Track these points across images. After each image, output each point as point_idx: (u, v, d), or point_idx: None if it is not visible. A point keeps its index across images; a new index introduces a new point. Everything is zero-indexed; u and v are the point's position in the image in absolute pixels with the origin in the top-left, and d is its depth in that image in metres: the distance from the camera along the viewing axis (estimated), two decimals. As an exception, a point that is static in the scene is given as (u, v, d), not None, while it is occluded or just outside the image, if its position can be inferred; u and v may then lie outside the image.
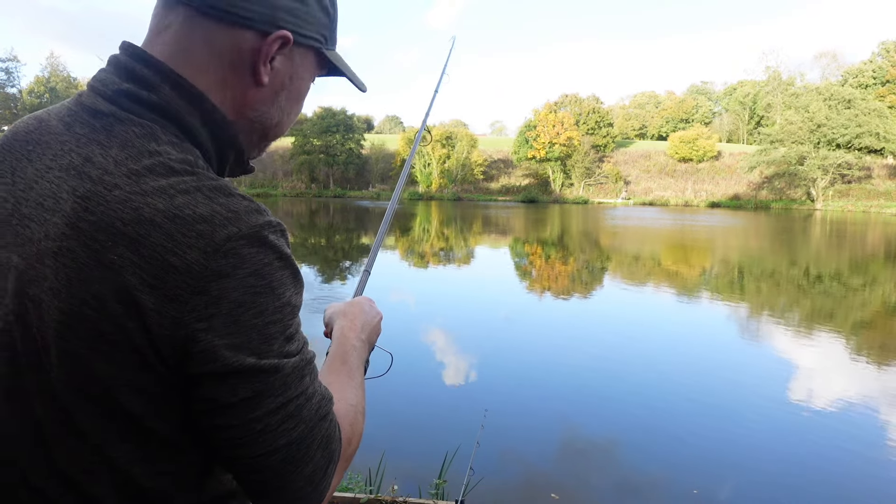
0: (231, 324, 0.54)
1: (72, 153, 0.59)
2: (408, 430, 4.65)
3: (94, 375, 0.55)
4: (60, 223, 0.55)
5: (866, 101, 52.13)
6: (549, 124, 55.68)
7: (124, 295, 0.52)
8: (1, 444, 0.58)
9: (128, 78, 0.61)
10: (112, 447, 0.57)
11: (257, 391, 0.56)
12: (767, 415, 5.14)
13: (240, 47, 0.63)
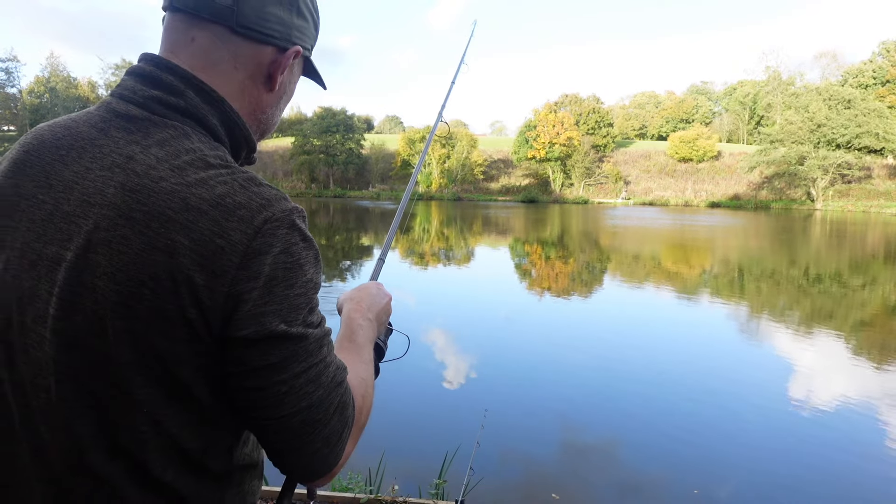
0: (267, 294, 0.62)
1: (113, 154, 0.65)
2: (408, 430, 4.64)
3: (149, 349, 0.61)
4: (112, 215, 0.61)
5: (866, 101, 52.11)
6: (549, 124, 55.67)
7: (178, 274, 0.60)
8: (59, 415, 0.64)
9: (155, 86, 0.68)
10: (161, 414, 0.63)
11: (284, 356, 0.64)
12: (768, 415, 5.14)
13: (260, 60, 0.73)
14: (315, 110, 61.16)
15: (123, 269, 0.60)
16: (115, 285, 0.60)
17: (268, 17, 0.71)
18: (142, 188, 0.62)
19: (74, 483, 0.64)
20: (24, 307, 0.65)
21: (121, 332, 0.61)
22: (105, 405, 0.63)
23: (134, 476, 0.65)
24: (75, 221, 0.63)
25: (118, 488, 0.64)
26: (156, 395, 0.63)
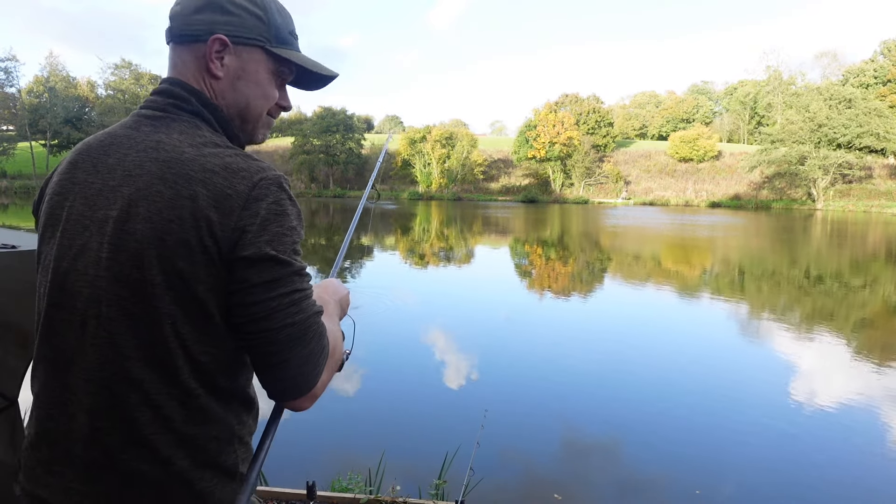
0: (262, 229, 0.83)
1: (145, 141, 0.89)
2: (408, 431, 4.62)
3: (175, 271, 0.82)
4: (148, 178, 0.84)
5: (867, 101, 52.08)
6: (549, 124, 55.65)
7: (199, 214, 0.82)
8: (108, 334, 0.84)
9: (170, 96, 0.93)
10: (183, 327, 0.83)
11: (274, 277, 0.84)
12: (769, 415, 5.12)
13: (197, 55, 0.93)
14: (315, 110, 61.18)
15: (157, 213, 0.82)
16: (150, 225, 0.82)
17: (192, 23, 0.92)
18: (171, 159, 0.85)
19: (118, 387, 0.84)
20: (77, 258, 0.86)
21: (154, 259, 0.82)
22: (142, 323, 0.83)
23: (163, 382, 0.84)
24: (119, 190, 0.86)
25: (151, 392, 0.84)
26: (178, 311, 0.83)
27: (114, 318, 0.84)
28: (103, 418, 0.84)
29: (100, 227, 0.85)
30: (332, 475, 3.41)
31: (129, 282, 0.83)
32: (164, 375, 0.84)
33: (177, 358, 0.84)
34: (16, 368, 2.30)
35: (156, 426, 0.84)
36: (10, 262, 2.05)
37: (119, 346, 0.84)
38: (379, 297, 9.99)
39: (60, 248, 0.88)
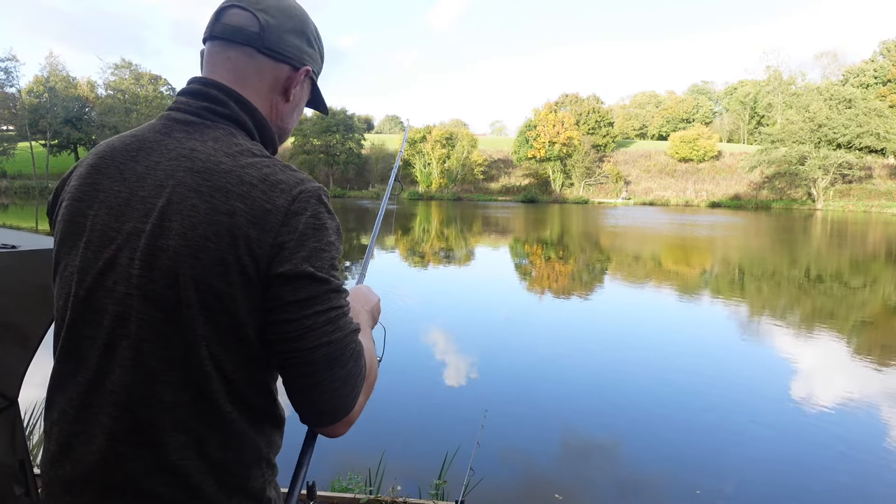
0: (300, 244, 0.80)
1: (178, 148, 0.84)
2: (408, 430, 4.62)
3: (210, 291, 0.77)
4: (182, 190, 0.80)
5: (867, 101, 52.09)
6: (549, 124, 55.67)
7: (237, 230, 0.77)
8: (138, 356, 0.80)
9: (204, 98, 0.88)
10: (218, 348, 0.79)
11: (310, 294, 0.80)
12: (770, 415, 5.12)
13: (278, 75, 0.93)
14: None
15: (192, 229, 0.77)
16: (185, 241, 0.77)
17: (285, 42, 0.91)
18: (206, 169, 0.81)
19: (147, 411, 0.79)
20: (103, 274, 0.81)
21: (189, 278, 0.77)
22: (176, 344, 0.79)
23: (198, 406, 0.80)
24: (150, 201, 0.81)
25: (185, 416, 0.79)
26: (213, 332, 0.79)
27: (145, 339, 0.79)
28: (127, 442, 0.80)
29: (129, 240, 0.80)
30: (332, 475, 3.41)
31: (162, 301, 0.78)
32: (198, 399, 0.80)
33: (212, 381, 0.80)
34: (16, 368, 2.30)
35: (187, 451, 0.80)
36: (10, 262, 2.05)
37: (150, 369, 0.79)
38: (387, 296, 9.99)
39: (84, 260, 0.83)
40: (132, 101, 54.90)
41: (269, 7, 0.90)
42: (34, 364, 2.39)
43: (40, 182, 51.43)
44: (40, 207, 33.44)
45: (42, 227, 22.30)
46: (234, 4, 0.90)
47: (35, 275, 2.29)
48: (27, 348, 2.32)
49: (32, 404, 4.18)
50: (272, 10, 0.91)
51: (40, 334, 2.32)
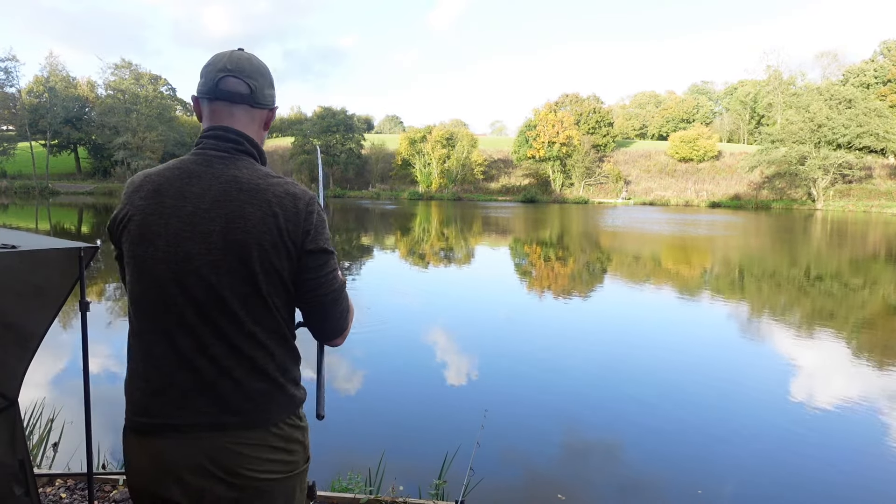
0: (317, 232, 1.27)
1: (223, 175, 1.26)
2: (408, 430, 4.62)
3: (270, 264, 1.22)
4: (239, 203, 1.22)
5: (867, 101, 52.04)
6: (549, 124, 55.63)
7: (281, 226, 1.22)
8: (220, 309, 1.22)
9: (227, 141, 1.30)
10: (276, 299, 1.26)
11: (325, 261, 1.29)
12: (771, 415, 5.12)
13: (262, 117, 1.39)
14: (315, 110, 61.10)
15: (254, 227, 1.21)
16: (250, 235, 1.20)
17: (265, 95, 1.36)
18: (251, 189, 1.24)
19: (238, 339, 1.23)
20: (186, 261, 1.21)
21: (256, 256, 1.21)
22: (251, 299, 1.23)
23: (268, 333, 1.26)
24: (213, 211, 1.22)
25: (262, 339, 1.25)
26: (273, 289, 1.25)
27: (229, 299, 1.21)
28: (229, 359, 1.23)
29: (203, 238, 1.21)
30: (332, 475, 3.40)
31: (240, 273, 1.21)
32: (268, 329, 1.26)
33: (276, 318, 1.27)
34: (16, 368, 2.29)
35: (266, 360, 1.26)
36: (10, 262, 2.04)
37: (237, 315, 1.22)
38: (379, 297, 9.99)
39: (166, 253, 1.22)
40: (132, 101, 54.80)
41: (252, 73, 1.33)
42: (34, 364, 2.38)
43: (40, 182, 51.41)
44: (40, 207, 33.42)
45: (42, 227, 22.29)
46: (229, 75, 1.31)
47: (35, 275, 2.29)
48: (27, 348, 2.31)
49: (32, 404, 4.18)
50: (254, 74, 1.33)
51: (40, 334, 2.32)
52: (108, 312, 8.58)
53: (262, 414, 1.26)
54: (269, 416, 1.27)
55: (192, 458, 1.20)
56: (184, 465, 1.20)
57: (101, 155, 56.94)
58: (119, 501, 2.97)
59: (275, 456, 1.27)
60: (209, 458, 1.20)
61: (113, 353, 6.56)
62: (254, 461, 1.23)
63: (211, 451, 1.21)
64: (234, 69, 1.30)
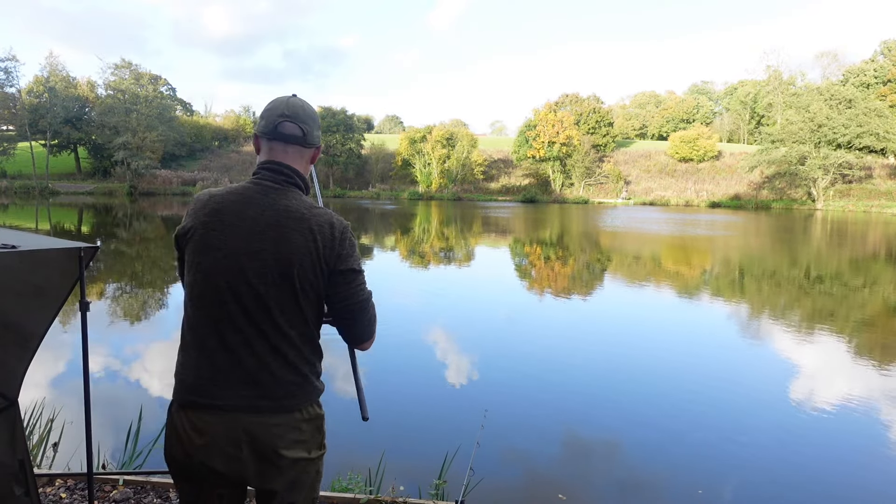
0: (348, 254, 1.52)
1: (276, 204, 1.51)
2: (408, 431, 4.62)
3: (307, 279, 1.48)
4: (287, 228, 1.47)
5: (867, 101, 52.03)
6: (549, 124, 55.61)
7: (319, 250, 1.48)
8: (266, 314, 1.47)
9: (281, 174, 1.56)
10: (309, 308, 1.51)
11: (354, 277, 1.54)
12: (771, 415, 5.12)
13: (310, 155, 1.65)
14: (315, 110, 61.01)
15: (297, 249, 1.46)
16: (293, 255, 1.46)
17: (314, 137, 1.63)
18: (299, 217, 1.50)
19: (274, 335, 1.49)
20: (238, 275, 1.47)
21: (296, 273, 1.46)
22: (289, 306, 1.48)
23: (299, 334, 1.51)
24: (266, 232, 1.47)
25: (294, 339, 1.50)
26: (307, 300, 1.50)
27: (273, 306, 1.47)
28: (268, 354, 1.48)
29: (255, 255, 1.46)
30: (332, 475, 3.40)
31: (284, 286, 1.47)
32: (300, 332, 1.52)
33: (308, 324, 1.52)
34: (16, 368, 2.29)
35: (298, 357, 1.52)
36: (11, 262, 2.04)
37: (277, 320, 1.48)
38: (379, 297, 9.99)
39: (224, 264, 1.48)
40: (132, 101, 54.71)
41: (305, 119, 1.60)
42: (34, 364, 2.38)
43: (40, 182, 51.39)
44: (40, 207, 33.43)
45: (42, 227, 22.29)
46: (286, 120, 1.57)
47: (35, 275, 2.29)
48: (27, 348, 2.31)
49: (32, 404, 4.18)
50: (307, 120, 1.60)
51: (40, 334, 2.32)
52: (108, 312, 8.58)
53: (291, 400, 1.51)
54: (296, 403, 1.52)
55: (231, 433, 1.45)
56: (225, 439, 1.45)
57: (101, 155, 56.87)
58: (119, 501, 2.97)
59: (298, 437, 1.52)
60: (246, 434, 1.46)
61: (113, 353, 6.56)
62: (281, 439, 1.49)
63: (248, 428, 1.46)
64: (291, 115, 1.58)
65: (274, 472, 1.50)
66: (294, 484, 1.54)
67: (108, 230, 22.07)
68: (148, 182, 52.73)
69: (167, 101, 61.41)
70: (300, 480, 1.55)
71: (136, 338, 7.39)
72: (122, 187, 51.38)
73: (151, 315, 8.73)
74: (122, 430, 4.11)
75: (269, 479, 1.50)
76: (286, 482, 1.52)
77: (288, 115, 1.57)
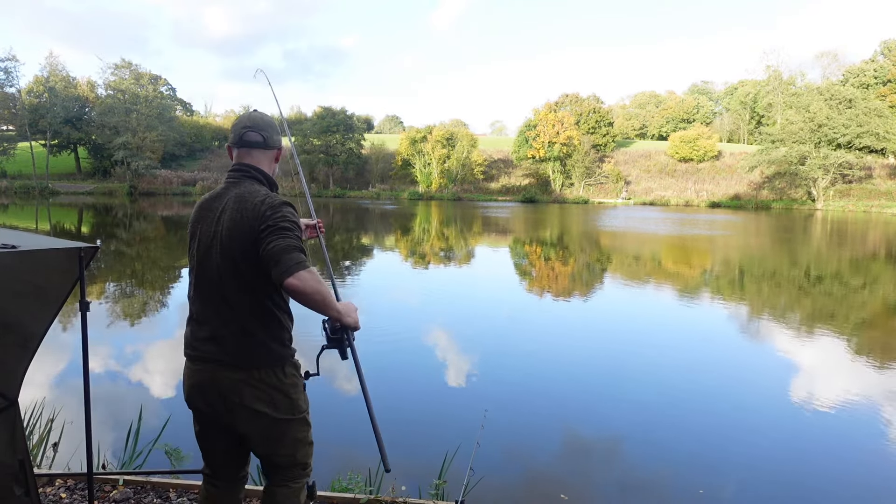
0: (270, 216, 1.81)
1: (232, 193, 1.90)
2: (408, 431, 4.62)
3: (249, 250, 1.80)
4: (234, 209, 1.85)
5: (867, 101, 52.01)
6: (549, 124, 55.59)
7: (250, 219, 1.81)
8: (224, 276, 1.85)
9: (240, 171, 1.95)
10: (254, 281, 1.83)
11: (272, 231, 1.78)
12: (772, 414, 5.12)
13: (272, 156, 2.02)
14: (315, 110, 61.04)
15: (238, 226, 1.81)
16: (235, 231, 1.81)
17: (275, 140, 1.99)
18: (242, 199, 1.86)
19: (233, 302, 1.85)
20: (207, 250, 1.88)
21: (237, 247, 1.81)
22: (240, 271, 1.82)
23: (251, 300, 1.84)
24: (221, 217, 1.86)
25: (247, 303, 1.84)
26: (248, 268, 1.82)
27: (227, 278, 1.83)
28: (228, 320, 1.85)
29: (215, 236, 1.86)
30: (332, 475, 3.41)
31: (231, 255, 1.82)
32: (252, 298, 1.85)
33: (255, 290, 1.84)
34: (16, 368, 2.29)
35: (253, 321, 1.85)
36: (11, 262, 2.04)
37: (232, 284, 1.83)
38: (379, 297, 9.99)
39: (200, 245, 1.90)
40: (132, 101, 54.67)
41: (265, 127, 1.97)
42: (34, 364, 2.38)
43: (40, 182, 51.37)
44: (40, 207, 33.43)
45: (42, 227, 22.29)
46: (249, 130, 1.95)
47: (35, 275, 2.29)
48: (27, 348, 2.31)
49: (32, 404, 4.18)
50: (266, 128, 1.97)
51: (40, 334, 2.32)
52: (108, 312, 8.58)
53: (249, 360, 1.84)
54: (253, 363, 1.85)
55: (207, 380, 1.86)
56: (204, 384, 1.87)
57: (101, 155, 56.84)
58: (119, 501, 2.97)
59: (257, 393, 1.85)
60: (214, 381, 1.85)
61: (113, 353, 6.56)
62: (240, 391, 1.84)
63: (215, 377, 1.85)
64: (252, 125, 1.95)
65: (237, 419, 1.87)
66: (265, 438, 1.90)
67: (108, 230, 22.07)
68: (148, 182, 52.71)
69: (167, 101, 61.37)
70: (270, 436, 1.90)
71: (136, 338, 7.39)
72: (122, 187, 51.36)
73: (151, 315, 8.73)
74: (122, 430, 4.11)
75: (235, 423, 1.88)
76: (255, 432, 1.89)
77: (249, 125, 1.95)
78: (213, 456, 2.02)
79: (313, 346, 2.00)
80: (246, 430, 1.89)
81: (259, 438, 1.90)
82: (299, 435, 1.96)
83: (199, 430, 2.00)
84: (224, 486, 2.06)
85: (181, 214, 31.27)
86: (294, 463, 1.98)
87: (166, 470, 3.16)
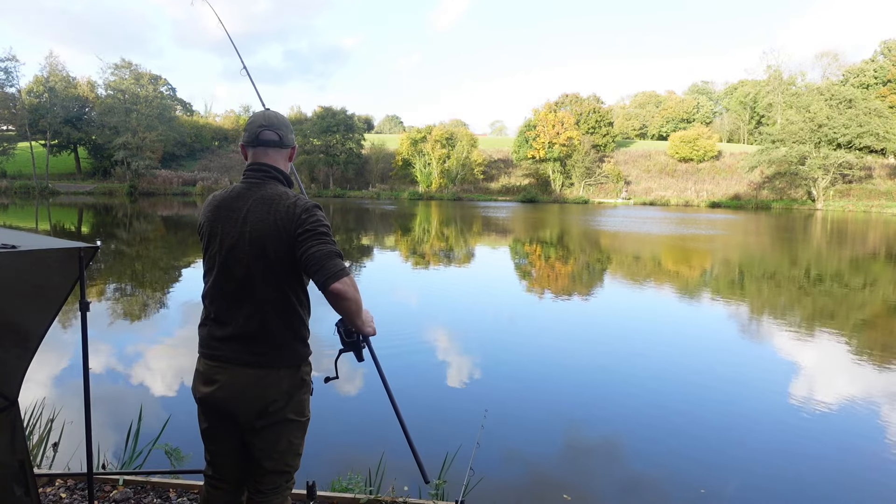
0: (306, 220, 1.83)
1: (256, 194, 1.90)
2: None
3: (280, 249, 1.83)
4: (262, 210, 1.86)
5: (867, 101, 52.02)
6: (549, 124, 55.62)
7: (283, 221, 1.83)
8: (254, 273, 1.85)
9: (260, 171, 1.95)
10: (284, 281, 1.86)
11: (310, 235, 1.80)
12: (774, 414, 5.12)
13: (288, 154, 2.04)
14: (315, 110, 61.04)
15: (268, 227, 1.83)
16: (265, 231, 1.83)
17: (288, 140, 2.00)
18: (270, 200, 1.87)
19: (260, 303, 1.86)
20: (231, 249, 1.87)
21: (269, 246, 1.83)
22: (272, 272, 1.85)
23: (280, 298, 1.87)
24: (248, 217, 1.86)
25: (275, 302, 1.87)
26: (281, 268, 1.85)
27: (256, 277, 1.84)
28: (253, 317, 1.86)
29: (241, 236, 1.85)
30: (333, 475, 3.40)
31: (263, 253, 1.83)
32: (282, 300, 1.87)
33: (285, 291, 1.87)
34: (16, 368, 2.29)
35: (278, 318, 1.87)
36: (10, 262, 2.04)
37: (262, 286, 1.85)
38: (379, 297, 9.99)
39: (221, 245, 1.88)
40: (132, 101, 54.69)
41: (280, 126, 1.98)
42: (34, 364, 2.38)
43: (40, 182, 51.37)
44: (40, 207, 33.43)
45: (42, 227, 22.29)
46: (265, 129, 1.95)
47: (35, 275, 2.29)
48: (27, 348, 2.31)
49: (32, 404, 4.18)
50: (282, 127, 1.98)
51: (40, 334, 2.32)
52: (108, 312, 8.58)
53: (271, 359, 1.87)
54: (276, 362, 1.87)
55: (226, 379, 1.87)
56: (223, 383, 1.87)
57: (101, 155, 56.87)
58: (119, 501, 2.97)
59: (276, 392, 1.87)
60: (234, 380, 1.86)
61: (113, 353, 6.56)
62: (262, 389, 1.86)
63: (235, 376, 1.86)
64: (268, 124, 1.95)
65: (253, 417, 1.89)
66: (269, 435, 1.91)
67: (108, 230, 22.07)
68: (148, 182, 52.72)
69: (167, 101, 61.37)
70: (274, 433, 1.92)
71: (136, 338, 7.39)
72: (122, 187, 51.37)
73: (151, 315, 8.73)
74: (122, 430, 4.11)
75: (251, 421, 1.88)
76: (266, 429, 1.90)
77: (265, 124, 1.95)
78: (219, 457, 1.99)
79: (314, 347, 2.00)
80: (260, 426, 1.88)
81: (265, 434, 1.89)
82: (295, 439, 1.96)
83: (206, 429, 1.97)
84: (226, 489, 2.03)
85: (181, 214, 31.27)
86: (281, 469, 1.96)
87: (166, 470, 3.16)
